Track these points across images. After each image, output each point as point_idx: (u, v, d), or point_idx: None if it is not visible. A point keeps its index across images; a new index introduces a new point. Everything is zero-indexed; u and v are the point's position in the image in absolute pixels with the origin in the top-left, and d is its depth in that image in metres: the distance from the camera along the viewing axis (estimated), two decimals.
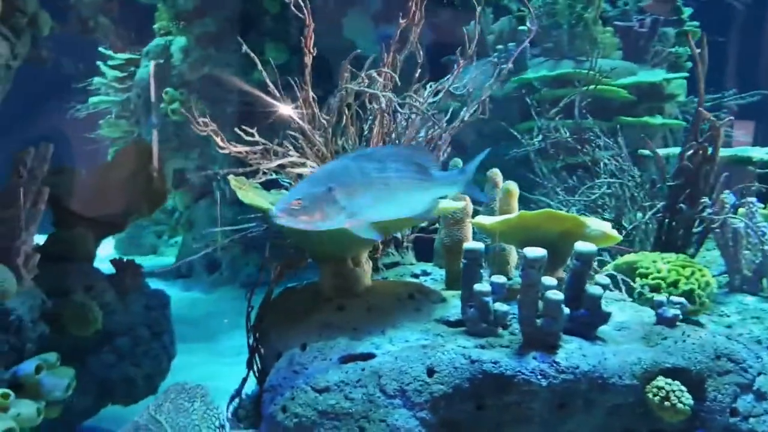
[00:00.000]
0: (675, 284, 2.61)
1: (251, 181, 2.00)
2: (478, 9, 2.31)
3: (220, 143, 1.87)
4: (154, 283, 2.55)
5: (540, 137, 3.54)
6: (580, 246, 1.67)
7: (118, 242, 7.11)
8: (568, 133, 3.45)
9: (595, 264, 2.82)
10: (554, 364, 1.57)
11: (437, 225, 2.21)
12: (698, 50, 2.73)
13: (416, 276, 2.19)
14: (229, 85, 5.73)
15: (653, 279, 2.64)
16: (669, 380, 1.60)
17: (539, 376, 1.56)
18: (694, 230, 2.93)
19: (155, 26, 6.50)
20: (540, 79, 4.70)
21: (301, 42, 2.09)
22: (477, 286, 1.68)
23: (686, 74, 4.85)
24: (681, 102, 5.17)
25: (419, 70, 2.27)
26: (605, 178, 3.18)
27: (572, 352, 1.61)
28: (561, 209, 3.32)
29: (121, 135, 6.61)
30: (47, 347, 2.00)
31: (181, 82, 5.97)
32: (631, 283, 2.40)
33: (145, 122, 6.29)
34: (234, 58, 5.55)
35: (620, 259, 2.87)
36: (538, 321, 1.61)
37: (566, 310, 1.61)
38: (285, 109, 2.01)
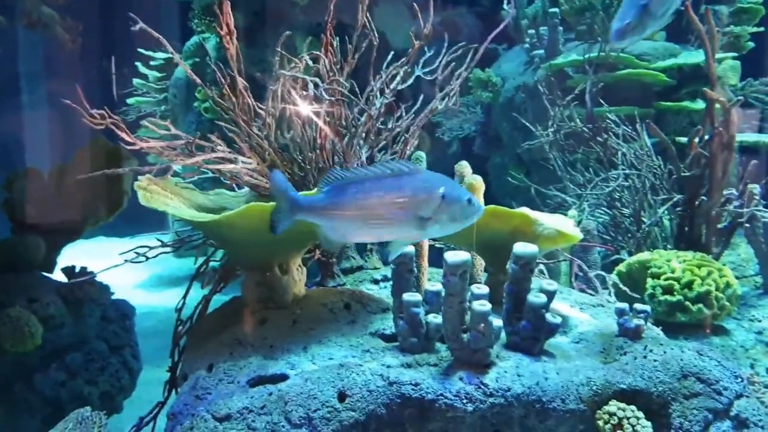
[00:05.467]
0: (689, 285, 2.34)
1: (183, 181, 1.84)
2: None
3: (128, 139, 1.70)
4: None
5: (554, 128, 3.26)
6: (519, 248, 1.43)
7: None
8: (582, 123, 3.16)
9: (593, 263, 2.57)
10: (482, 386, 1.34)
11: None
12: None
13: (376, 281, 1.99)
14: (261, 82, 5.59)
15: (666, 279, 2.37)
16: (623, 405, 1.34)
17: (464, 401, 1.33)
18: (720, 225, 2.63)
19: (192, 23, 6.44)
20: (571, 64, 4.38)
21: (328, 32, 1.92)
22: (406, 296, 1.46)
23: (734, 54, 4.44)
24: (733, 85, 4.75)
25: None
26: (623, 170, 2.89)
27: (506, 371, 1.37)
28: (575, 204, 3.05)
29: (160, 136, 6.59)
30: None
31: (215, 80, 5.89)
32: (621, 286, 2.14)
33: (182, 122, 6.25)
34: (266, 53, 5.42)
35: (633, 258, 2.60)
36: (465, 336, 1.38)
37: (497, 323, 1.38)
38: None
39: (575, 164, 3.23)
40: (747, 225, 2.59)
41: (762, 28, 4.46)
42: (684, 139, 3.41)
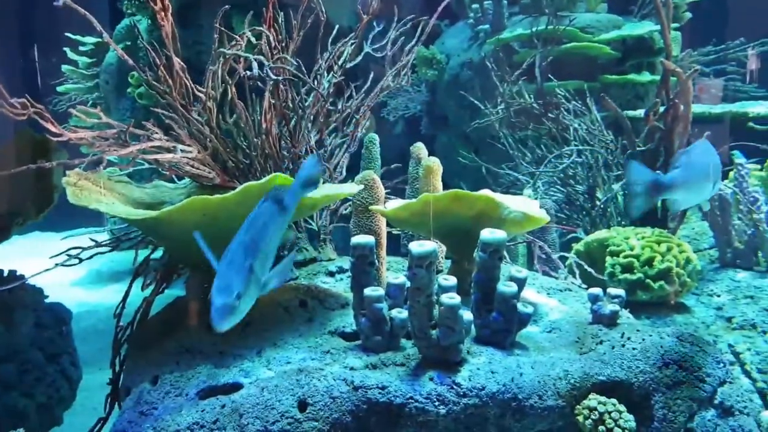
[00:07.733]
0: (650, 263, 2.29)
1: (117, 175, 1.69)
2: None
3: (53, 129, 1.54)
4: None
5: (502, 105, 3.17)
6: (486, 235, 1.33)
7: None
8: (532, 99, 3.08)
9: (551, 243, 2.50)
10: (454, 386, 1.25)
11: None
12: None
13: (332, 274, 1.87)
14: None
15: (625, 257, 2.31)
16: (603, 398, 1.26)
17: (436, 403, 1.23)
18: None
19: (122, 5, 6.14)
20: (517, 39, 4.30)
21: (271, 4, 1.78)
22: (367, 291, 1.35)
23: (676, 25, 4.43)
24: (675, 57, 4.75)
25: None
26: (575, 145, 2.83)
27: (478, 368, 1.28)
28: (528, 183, 2.98)
29: (91, 125, 6.29)
30: None
31: (149, 64, 5.63)
32: (586, 267, 2.07)
33: (115, 109, 5.97)
34: (200, 34, 5.17)
35: (590, 237, 2.54)
36: (434, 332, 1.28)
37: (467, 317, 1.29)
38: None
39: (526, 141, 3.16)
40: None
41: None
42: (631, 113, 3.38)
